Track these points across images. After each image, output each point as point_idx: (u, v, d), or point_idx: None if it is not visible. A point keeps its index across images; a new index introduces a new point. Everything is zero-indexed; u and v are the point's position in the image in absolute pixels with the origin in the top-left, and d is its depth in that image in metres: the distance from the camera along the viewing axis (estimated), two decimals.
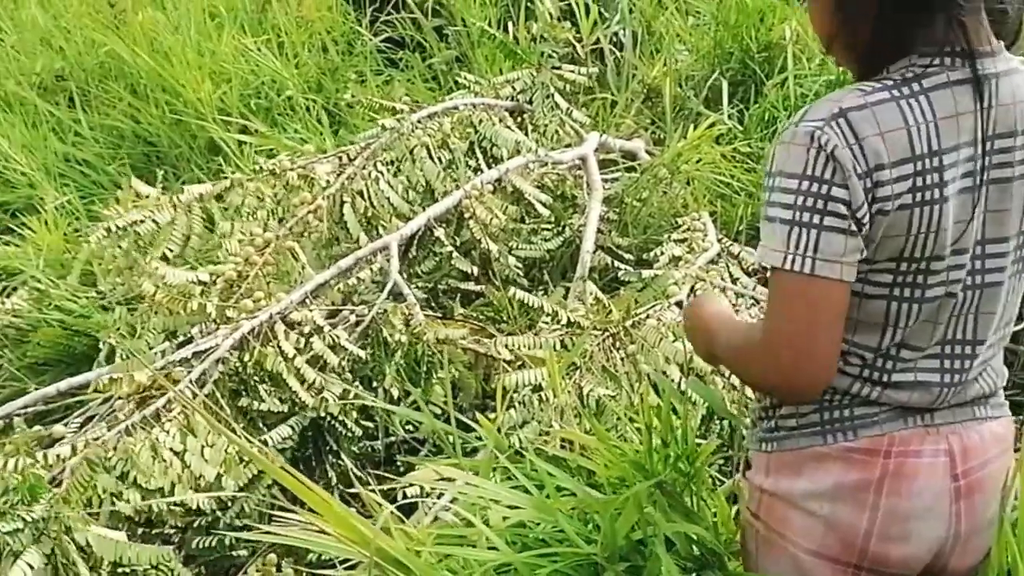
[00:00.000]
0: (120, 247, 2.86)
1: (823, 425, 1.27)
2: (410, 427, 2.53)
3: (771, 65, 3.65)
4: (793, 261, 1.14)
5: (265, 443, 2.37)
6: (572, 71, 3.36)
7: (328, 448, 2.50)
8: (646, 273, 2.70)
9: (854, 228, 1.13)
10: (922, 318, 1.22)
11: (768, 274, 1.21)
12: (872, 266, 1.19)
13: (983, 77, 1.16)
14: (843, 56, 1.25)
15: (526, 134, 3.16)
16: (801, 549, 1.31)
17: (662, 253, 2.80)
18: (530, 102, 3.27)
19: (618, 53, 3.80)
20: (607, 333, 2.25)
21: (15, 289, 3.26)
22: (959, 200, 1.16)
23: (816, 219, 1.13)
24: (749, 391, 1.56)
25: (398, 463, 2.48)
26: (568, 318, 2.29)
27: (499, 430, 2.02)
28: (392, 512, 1.82)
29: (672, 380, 2.14)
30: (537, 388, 2.16)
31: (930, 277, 1.19)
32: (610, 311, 2.31)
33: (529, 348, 2.28)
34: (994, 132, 1.17)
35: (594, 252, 2.82)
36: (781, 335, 1.19)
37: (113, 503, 2.25)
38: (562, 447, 1.95)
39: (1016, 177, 1.20)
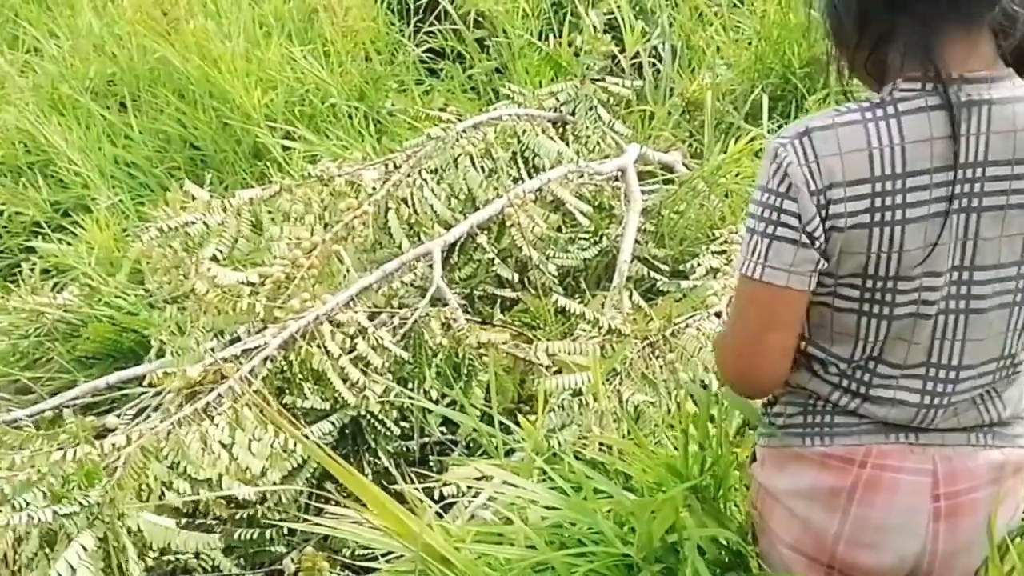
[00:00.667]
0: (171, 247, 2.94)
1: (804, 428, 1.33)
2: (444, 428, 2.59)
3: (813, 81, 3.68)
4: (749, 267, 1.22)
5: (306, 437, 2.44)
6: (616, 84, 3.41)
7: (366, 446, 2.56)
8: (685, 284, 2.74)
9: (805, 240, 1.19)
10: (893, 335, 1.24)
11: None
12: (838, 280, 1.23)
13: (967, 104, 1.15)
14: (858, 78, 1.29)
15: (567, 145, 3.22)
16: (781, 542, 1.39)
17: (699, 264, 2.84)
18: (573, 113, 3.32)
19: (658, 64, 3.85)
20: (647, 341, 2.30)
21: (67, 285, 3.37)
22: (930, 224, 1.17)
23: (770, 229, 1.20)
24: None
25: (431, 463, 2.54)
26: (609, 325, 2.33)
27: (538, 432, 2.07)
28: (432, 508, 1.88)
29: (708, 388, 2.17)
30: (577, 393, 2.20)
31: (898, 296, 1.21)
32: (650, 319, 2.36)
33: (569, 353, 2.33)
34: (985, 159, 1.16)
35: (631, 262, 2.87)
36: (735, 335, 1.29)
37: (163, 493, 2.33)
38: (600, 451, 2.00)
39: (1012, 206, 1.18)
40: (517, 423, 2.08)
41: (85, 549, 2.12)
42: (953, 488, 1.27)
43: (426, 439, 2.57)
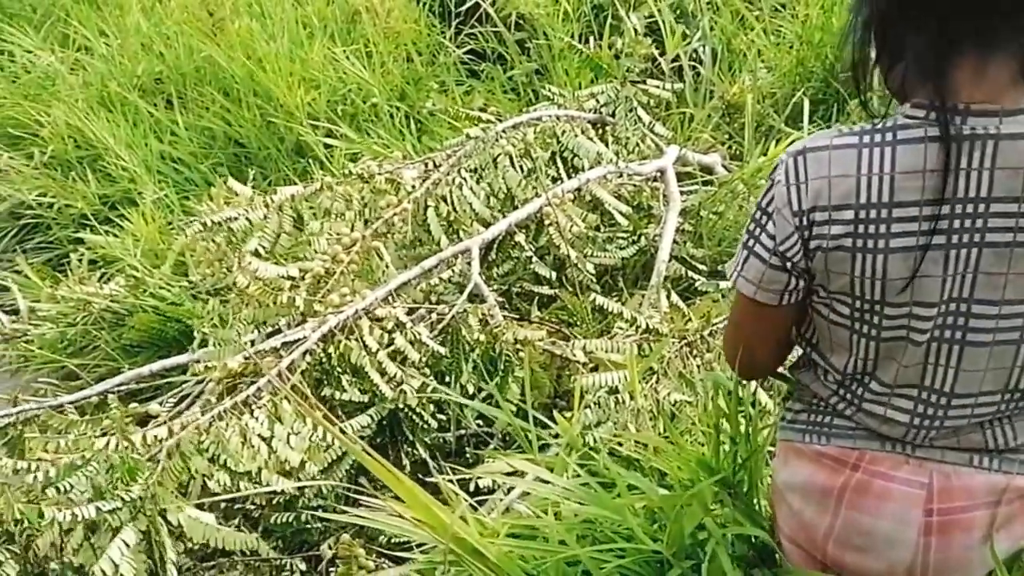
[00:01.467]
0: (215, 241, 3.00)
1: (806, 425, 1.35)
2: (480, 422, 2.62)
3: (860, 84, 3.64)
4: (732, 273, 1.29)
5: (343, 431, 2.47)
6: (656, 86, 3.42)
7: (404, 438, 2.59)
8: (723, 284, 2.74)
9: (775, 262, 1.22)
10: (882, 355, 1.24)
11: None
12: (831, 295, 1.23)
13: (970, 137, 1.11)
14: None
15: (607, 146, 3.23)
16: (782, 533, 1.42)
17: None
18: (612, 115, 3.33)
19: (699, 67, 3.85)
20: (684, 340, 2.30)
21: (113, 276, 3.44)
22: (917, 255, 1.15)
23: (750, 243, 1.25)
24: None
25: (467, 455, 2.56)
26: (646, 324, 2.34)
27: (573, 428, 2.08)
28: (466, 501, 1.89)
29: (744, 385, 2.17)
30: (613, 390, 2.21)
31: (884, 320, 1.20)
32: (688, 319, 2.36)
33: (606, 351, 2.34)
34: (989, 195, 1.12)
35: (669, 261, 2.87)
36: (728, 329, 1.40)
37: (204, 484, 2.37)
38: (635, 450, 2.01)
39: (1021, 244, 1.14)
40: (553, 419, 2.09)
41: (128, 544, 2.17)
42: (948, 505, 1.26)
43: (463, 432, 2.60)
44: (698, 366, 2.25)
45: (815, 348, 1.33)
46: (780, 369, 1.45)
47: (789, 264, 1.22)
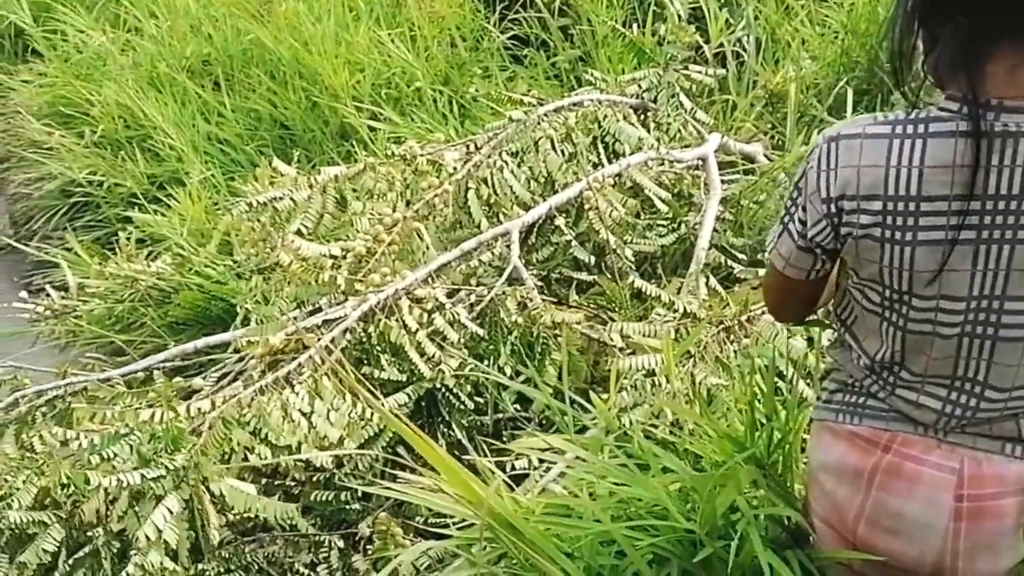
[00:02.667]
0: (260, 221, 3.05)
1: (840, 405, 1.36)
2: (518, 406, 2.64)
3: (900, 75, 3.60)
4: (768, 242, 1.35)
5: (383, 408, 2.51)
6: (699, 72, 3.40)
7: (441, 419, 2.62)
8: (762, 272, 2.73)
9: (803, 244, 1.27)
10: (910, 347, 1.24)
11: None
12: (863, 281, 1.25)
13: (1002, 134, 1.11)
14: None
15: (648, 131, 3.22)
16: (815, 513, 1.43)
17: None
18: (655, 101, 3.33)
19: (743, 56, 3.83)
20: (722, 325, 2.30)
21: (160, 254, 3.52)
22: (948, 250, 1.15)
23: (785, 219, 1.30)
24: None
25: (505, 439, 2.58)
26: (684, 308, 2.35)
27: (610, 410, 2.10)
28: (503, 480, 1.92)
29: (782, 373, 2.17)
30: (650, 373, 2.22)
31: (912, 311, 1.21)
32: (726, 304, 2.36)
33: (644, 335, 2.35)
34: (1021, 192, 1.12)
35: (708, 249, 2.87)
36: (764, 285, 1.46)
37: (246, 457, 2.42)
38: (671, 432, 2.02)
39: None
40: (590, 403, 2.11)
41: (171, 512, 2.22)
42: (978, 491, 1.26)
43: (500, 415, 2.62)
44: (735, 351, 2.26)
45: (849, 330, 1.34)
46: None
47: (818, 249, 1.26)
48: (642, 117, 3.30)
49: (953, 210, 1.13)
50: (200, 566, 2.31)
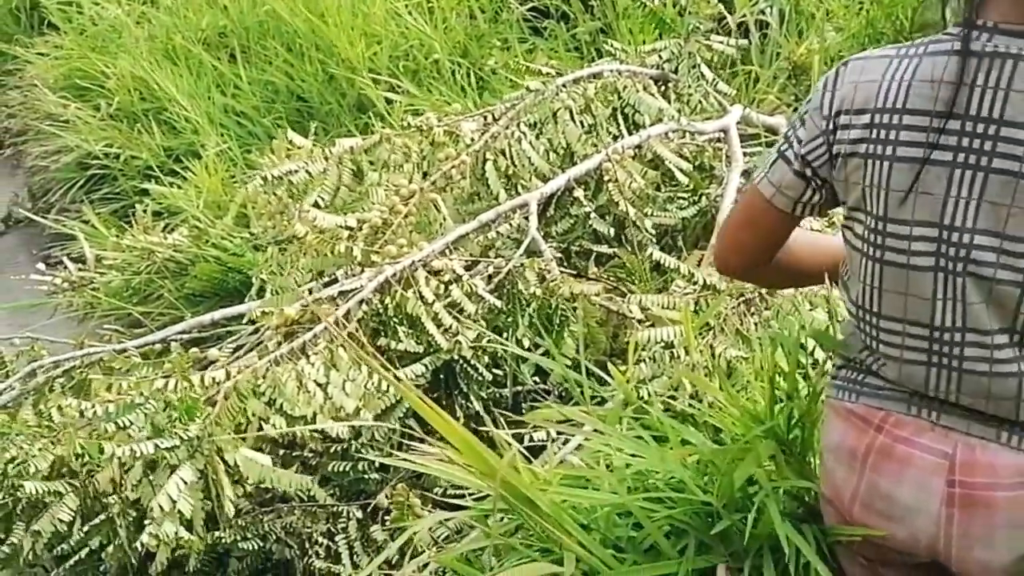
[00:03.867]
0: (275, 193, 3.03)
1: (843, 382, 1.34)
2: (536, 379, 2.61)
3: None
4: (757, 173, 1.34)
5: (398, 379, 2.49)
6: (721, 42, 3.34)
7: (458, 391, 2.60)
8: None
9: (798, 167, 1.26)
10: (887, 284, 1.21)
11: None
12: (850, 213, 1.25)
13: (991, 55, 1.10)
14: None
15: (669, 103, 3.17)
16: (822, 494, 1.41)
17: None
18: (675, 71, 3.27)
19: (767, 27, 3.76)
20: (743, 298, 2.27)
21: (177, 226, 3.51)
22: (924, 170, 1.14)
23: (783, 147, 1.29)
24: None
25: (524, 411, 2.56)
26: (704, 280, 2.31)
27: (628, 382, 2.07)
28: (520, 452, 1.90)
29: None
30: (669, 345, 2.19)
31: (888, 239, 1.19)
32: None
33: (663, 307, 2.31)
34: (1000, 117, 1.10)
35: None
36: (725, 220, 1.47)
37: (260, 427, 2.41)
38: (690, 405, 1.99)
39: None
40: (608, 375, 2.08)
41: (185, 482, 2.22)
42: (970, 479, 1.22)
43: (519, 388, 2.60)
44: (756, 323, 2.22)
45: (844, 286, 1.32)
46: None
47: (810, 171, 1.26)
48: (662, 88, 3.24)
49: (934, 127, 1.14)
50: (216, 534, 2.31)
